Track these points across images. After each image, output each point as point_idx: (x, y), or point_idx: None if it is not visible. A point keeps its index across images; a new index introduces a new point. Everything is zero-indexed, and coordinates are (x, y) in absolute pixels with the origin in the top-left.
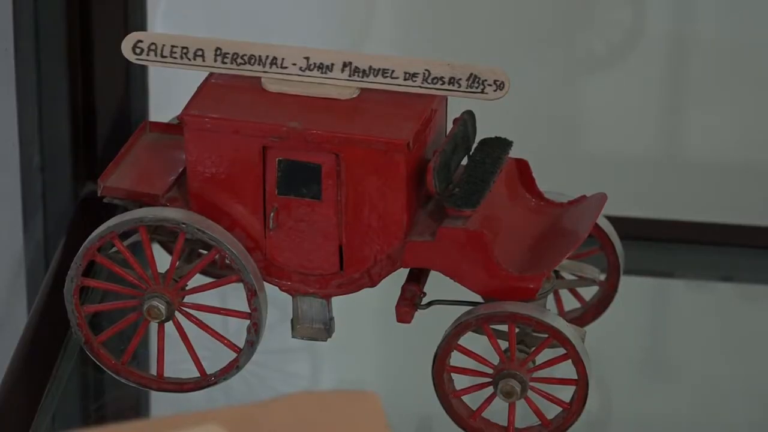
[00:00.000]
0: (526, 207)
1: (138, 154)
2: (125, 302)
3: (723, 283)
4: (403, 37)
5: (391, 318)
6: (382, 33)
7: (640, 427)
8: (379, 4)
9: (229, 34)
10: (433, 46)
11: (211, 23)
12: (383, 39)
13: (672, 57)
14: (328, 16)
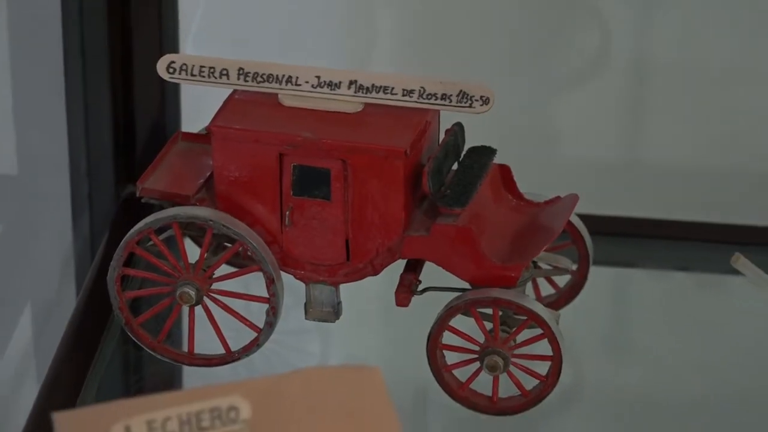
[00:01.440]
0: (508, 206)
1: (171, 160)
2: (160, 289)
3: (679, 272)
4: (401, 59)
5: (390, 302)
6: (383, 55)
7: (606, 397)
8: (381, 31)
9: (250, 56)
10: (427, 67)
11: (235, 47)
12: (384, 60)
13: (633, 76)
14: (336, 40)
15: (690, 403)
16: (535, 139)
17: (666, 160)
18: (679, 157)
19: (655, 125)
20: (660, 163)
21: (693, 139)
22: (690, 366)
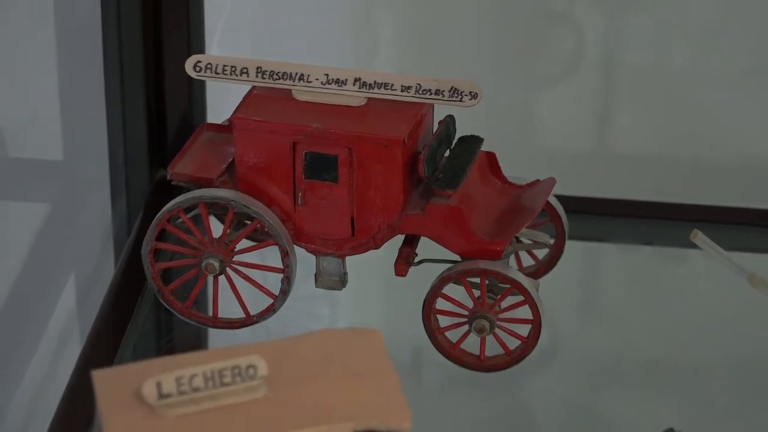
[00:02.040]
0: (493, 188)
1: (198, 148)
2: (188, 260)
3: (644, 246)
4: (400, 60)
5: (390, 273)
6: (384, 56)
7: (579, 355)
8: (382, 35)
9: (267, 57)
10: (422, 66)
11: (254, 48)
12: (385, 61)
13: (603, 74)
14: (342, 43)
15: (652, 361)
16: (517, 130)
17: (632, 149)
18: (644, 145)
19: (623, 118)
20: (627, 151)
21: (656, 130)
22: (653, 328)
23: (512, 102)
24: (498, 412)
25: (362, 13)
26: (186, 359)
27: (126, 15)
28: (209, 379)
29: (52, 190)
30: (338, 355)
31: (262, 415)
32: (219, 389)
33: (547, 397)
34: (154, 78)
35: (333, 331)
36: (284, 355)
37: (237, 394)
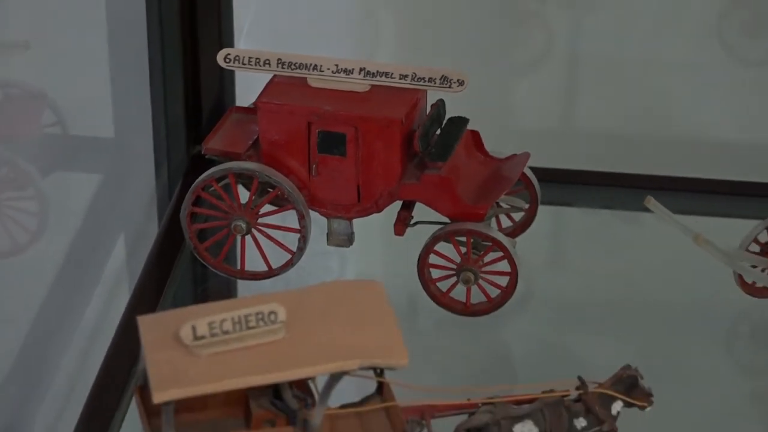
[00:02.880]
0: (477, 161)
1: (227, 127)
2: (219, 222)
3: (604, 210)
4: (399, 51)
5: (390, 233)
6: (385, 48)
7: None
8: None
9: (286, 49)
10: (417, 57)
11: (275, 42)
12: (386, 52)
13: (569, 64)
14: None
15: (611, 305)
16: (497, 112)
17: (594, 127)
18: (604, 124)
19: (586, 101)
20: (590, 128)
21: (614, 110)
22: (611, 278)
23: (493, 88)
24: (481, 350)
25: (366, 12)
26: (217, 306)
27: (167, 14)
28: (236, 324)
29: (104, 163)
30: (346, 302)
31: (282, 353)
32: (245, 332)
33: (523, 337)
34: (191, 68)
35: (341, 282)
36: (300, 302)
37: (260, 336)
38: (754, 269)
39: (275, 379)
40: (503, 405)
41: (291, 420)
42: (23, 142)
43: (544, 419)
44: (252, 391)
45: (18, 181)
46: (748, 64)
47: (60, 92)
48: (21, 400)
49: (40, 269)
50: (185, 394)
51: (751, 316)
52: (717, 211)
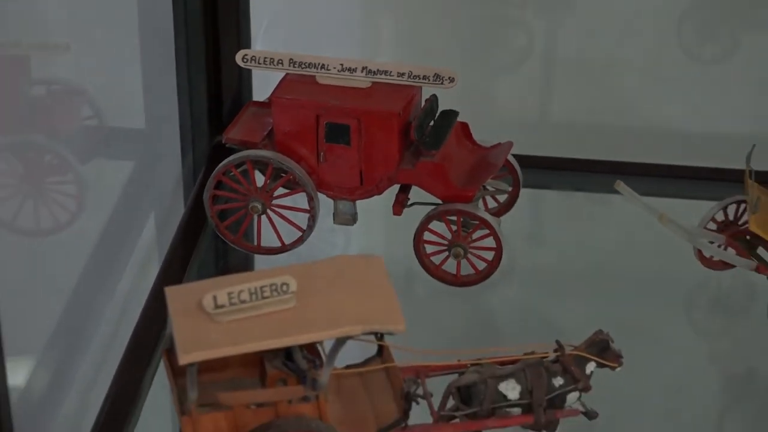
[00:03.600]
0: (466, 149)
1: (245, 119)
2: (238, 203)
3: (578, 192)
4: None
5: (389, 212)
6: (385, 49)
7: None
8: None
9: (297, 50)
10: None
11: (287, 44)
12: (386, 53)
13: (546, 62)
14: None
15: (584, 275)
16: (484, 105)
17: (569, 119)
18: (578, 116)
19: (562, 95)
20: (565, 120)
21: (588, 104)
22: (586, 253)
23: (480, 84)
24: (470, 316)
25: (368, 18)
26: (235, 278)
27: (192, 19)
28: (253, 294)
29: (136, 151)
30: (350, 274)
31: (293, 320)
32: (260, 301)
33: (507, 305)
34: (212, 67)
35: (346, 256)
36: (309, 274)
37: (273, 304)
38: (711, 245)
39: (287, 342)
40: (489, 365)
41: (301, 379)
42: (65, 133)
43: (525, 378)
44: (266, 354)
45: (60, 167)
46: (703, 63)
47: (97, 89)
48: (64, 359)
49: (79, 245)
50: (207, 357)
51: (708, 286)
52: (678, 193)
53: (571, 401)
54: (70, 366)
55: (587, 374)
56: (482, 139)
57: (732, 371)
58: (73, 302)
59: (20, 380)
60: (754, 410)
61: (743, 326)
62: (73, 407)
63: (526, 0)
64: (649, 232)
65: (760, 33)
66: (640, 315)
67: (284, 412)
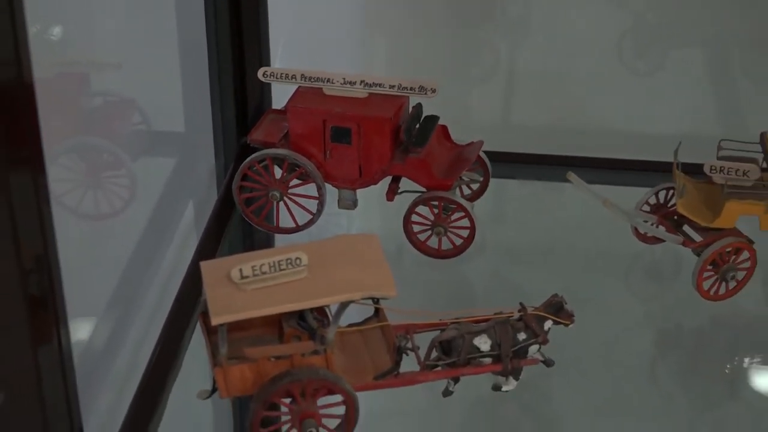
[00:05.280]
0: (445, 147)
1: (266, 123)
2: (260, 193)
3: (536, 181)
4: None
5: (383, 199)
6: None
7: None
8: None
9: (307, 67)
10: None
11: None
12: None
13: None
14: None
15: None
16: (460, 111)
17: (530, 120)
18: (537, 118)
19: (524, 101)
20: (527, 122)
21: (545, 108)
22: (543, 231)
23: (457, 94)
24: (450, 283)
25: (366, 39)
26: (258, 254)
27: (222, 42)
28: (272, 266)
29: (177, 151)
30: (351, 250)
31: (305, 288)
32: (278, 273)
33: (480, 273)
34: (239, 81)
35: (348, 235)
36: (318, 250)
37: (289, 275)
38: (645, 224)
39: (300, 306)
40: (466, 323)
41: (312, 336)
42: (118, 136)
43: (495, 334)
44: (283, 316)
45: (115, 163)
46: (638, 75)
47: (144, 99)
48: (119, 321)
49: (131, 227)
50: (235, 318)
51: (643, 257)
52: (618, 181)
53: (532, 352)
54: (124, 326)
55: (545, 330)
56: (458, 139)
57: (662, 327)
58: (127, 274)
59: (83, 338)
60: (680, 359)
61: (672, 290)
62: (126, 361)
63: (494, 25)
64: (594, 213)
65: (683, 51)
66: (588, 281)
67: (298, 363)
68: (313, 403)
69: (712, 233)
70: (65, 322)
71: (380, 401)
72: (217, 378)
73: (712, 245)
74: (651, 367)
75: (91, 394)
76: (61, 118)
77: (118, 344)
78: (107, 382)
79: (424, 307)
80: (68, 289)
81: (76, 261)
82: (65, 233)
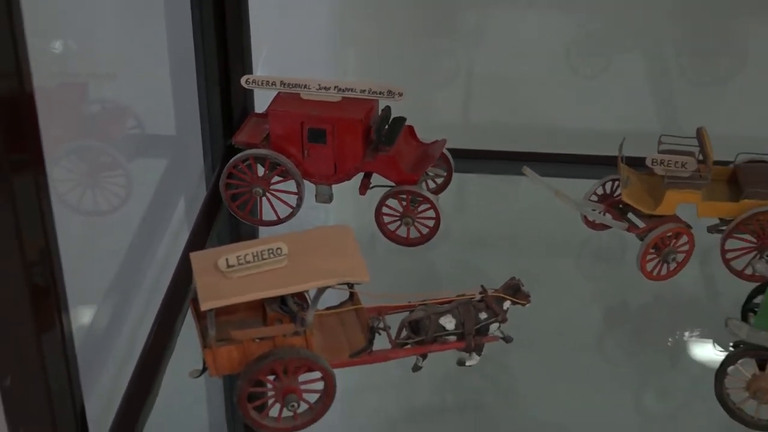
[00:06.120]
0: (412, 145)
1: (249, 126)
2: (245, 189)
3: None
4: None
5: (357, 193)
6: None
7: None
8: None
9: (286, 74)
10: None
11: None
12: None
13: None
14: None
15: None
16: (425, 112)
17: (487, 120)
18: (492, 117)
19: (482, 103)
20: (483, 122)
21: (501, 108)
22: (501, 221)
23: (421, 97)
24: (417, 268)
25: (339, 48)
26: (242, 245)
27: (209, 52)
28: (255, 256)
29: (169, 151)
30: (327, 240)
31: (286, 275)
32: (260, 261)
33: (444, 259)
34: (225, 88)
35: (325, 227)
36: (298, 241)
37: (270, 264)
38: (593, 212)
39: (282, 292)
40: (432, 305)
41: (293, 319)
42: (115, 139)
43: (459, 313)
44: (266, 300)
45: (112, 164)
46: (584, 77)
47: (138, 106)
48: (118, 306)
49: (128, 222)
50: (222, 304)
51: (592, 243)
52: (568, 174)
53: (492, 330)
54: (121, 313)
55: (504, 310)
56: (424, 137)
57: (609, 305)
58: (124, 264)
59: (84, 324)
60: (626, 333)
61: (618, 272)
62: (123, 344)
63: (454, 35)
64: (547, 203)
65: (625, 56)
66: (542, 265)
67: (280, 344)
68: (295, 379)
69: (654, 220)
70: (66, 309)
71: (356, 377)
72: (207, 358)
73: (654, 230)
74: (600, 340)
75: (91, 375)
76: (63, 124)
77: (116, 329)
78: (106, 364)
79: (394, 290)
80: (70, 279)
81: (78, 253)
82: (68, 228)
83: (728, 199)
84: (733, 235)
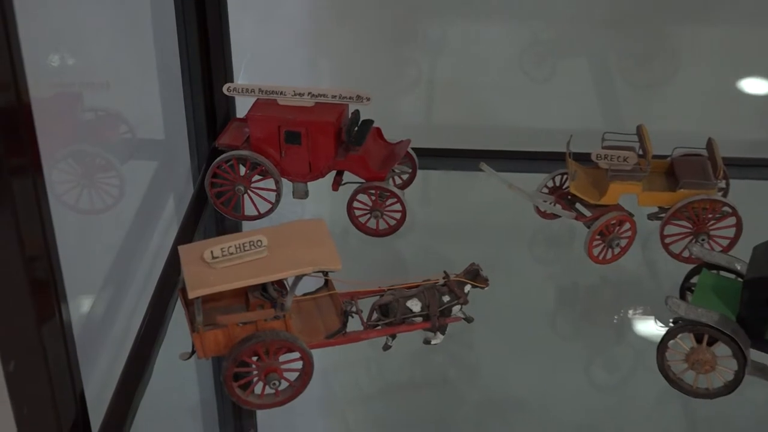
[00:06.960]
0: (379, 145)
1: (231, 129)
2: (227, 187)
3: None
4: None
5: (330, 189)
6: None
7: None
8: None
9: (265, 81)
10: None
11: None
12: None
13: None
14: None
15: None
16: (390, 115)
17: (449, 121)
18: (455, 120)
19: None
20: (446, 122)
21: (460, 111)
22: (461, 212)
23: (387, 101)
24: (385, 256)
25: (312, 57)
26: (226, 238)
27: (193, 61)
28: (238, 248)
29: (159, 153)
30: (303, 232)
31: (266, 265)
32: (243, 253)
33: (410, 247)
34: (209, 95)
35: (301, 220)
36: (277, 233)
37: (252, 255)
38: (544, 203)
39: (263, 280)
40: (400, 289)
41: (273, 304)
42: (109, 143)
43: (424, 297)
44: (249, 288)
45: (106, 167)
46: (535, 82)
47: (129, 112)
48: (114, 296)
49: (122, 219)
50: (208, 292)
51: (543, 230)
52: (522, 169)
53: (455, 311)
54: (116, 302)
55: (465, 293)
56: (390, 138)
57: (561, 286)
58: (120, 257)
59: (84, 311)
60: (577, 311)
61: (567, 256)
62: (119, 331)
63: (416, 44)
64: (503, 196)
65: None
66: (498, 251)
67: (262, 327)
68: (276, 359)
69: (600, 209)
70: (65, 300)
71: (332, 356)
72: (195, 342)
73: (599, 219)
74: (552, 318)
75: (89, 360)
76: (60, 130)
77: (111, 317)
78: (103, 350)
79: (365, 277)
80: (68, 272)
81: (76, 248)
82: (66, 226)
83: (666, 189)
84: (670, 222)
